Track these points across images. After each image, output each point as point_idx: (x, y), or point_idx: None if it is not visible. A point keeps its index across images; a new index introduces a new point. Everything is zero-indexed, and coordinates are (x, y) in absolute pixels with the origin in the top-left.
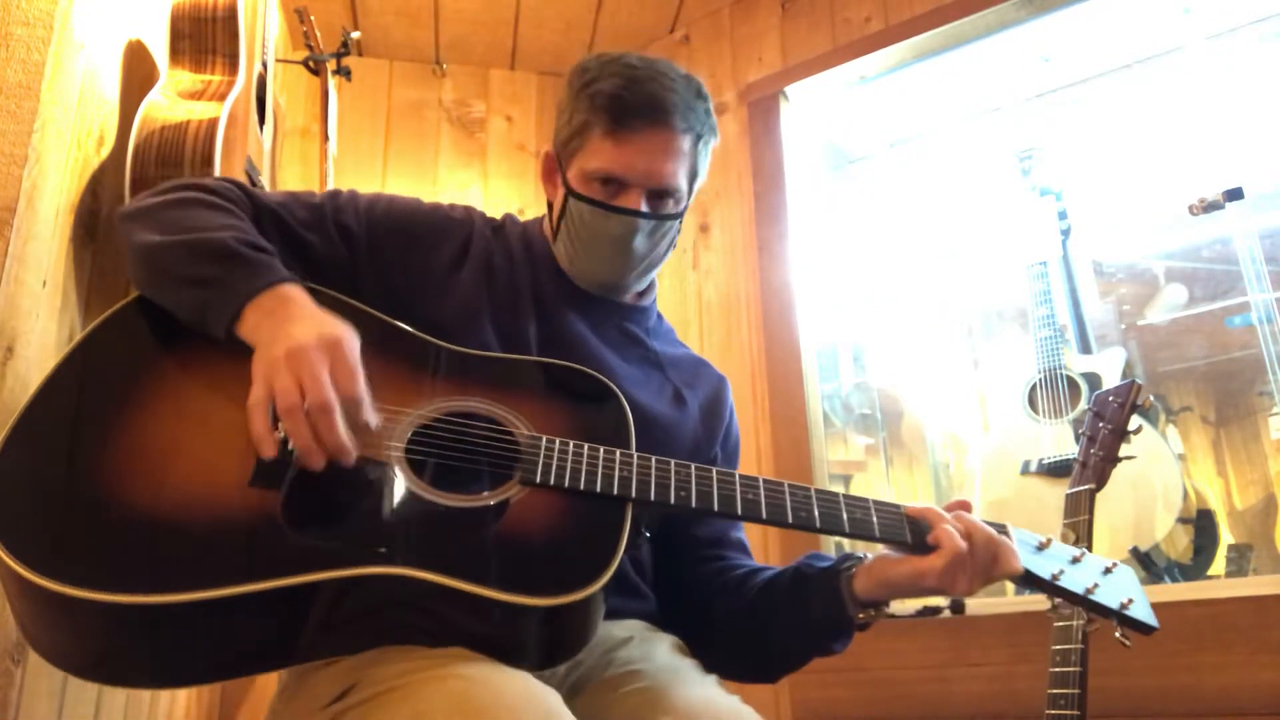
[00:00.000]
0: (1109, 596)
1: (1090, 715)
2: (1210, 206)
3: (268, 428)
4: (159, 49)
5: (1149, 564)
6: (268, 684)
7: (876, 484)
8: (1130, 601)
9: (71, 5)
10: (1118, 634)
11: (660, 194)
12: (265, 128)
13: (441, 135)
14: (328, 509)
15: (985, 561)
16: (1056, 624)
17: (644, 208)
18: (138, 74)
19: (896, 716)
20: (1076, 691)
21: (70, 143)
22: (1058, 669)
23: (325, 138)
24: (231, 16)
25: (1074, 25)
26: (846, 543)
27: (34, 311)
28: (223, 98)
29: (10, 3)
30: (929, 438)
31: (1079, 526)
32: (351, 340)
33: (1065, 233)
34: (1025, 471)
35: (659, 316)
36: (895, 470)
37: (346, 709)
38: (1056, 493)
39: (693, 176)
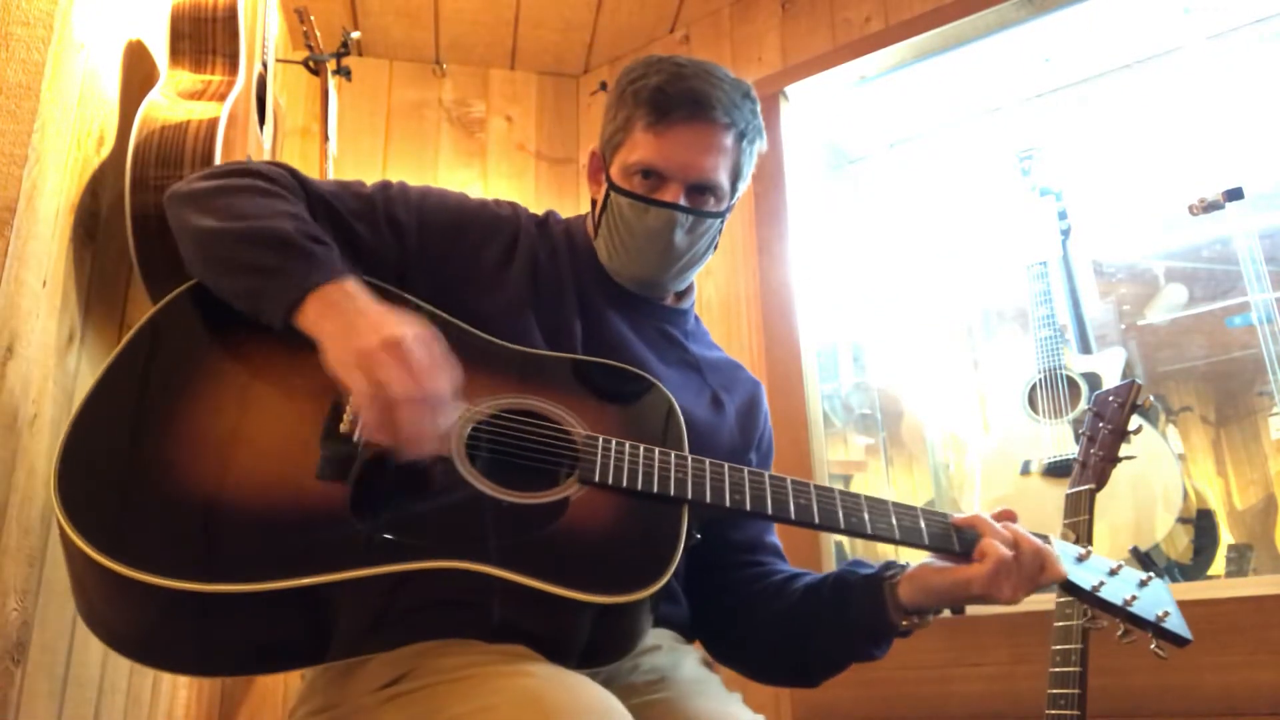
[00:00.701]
0: (1146, 609)
1: (1090, 715)
2: (1210, 206)
3: (385, 420)
4: (159, 49)
5: (1149, 564)
6: (268, 684)
7: (876, 484)
8: (1166, 614)
9: (71, 5)
10: (1153, 645)
11: (700, 189)
12: (265, 128)
13: (441, 135)
14: (391, 503)
15: (1033, 570)
16: (1056, 624)
17: (683, 202)
18: (138, 74)
19: (896, 716)
20: (1076, 691)
21: (70, 143)
22: (1058, 669)
23: (325, 138)
24: (231, 16)
25: (1074, 25)
26: (847, 545)
27: (34, 311)
28: (223, 98)
29: (10, 3)
30: (929, 438)
31: (1079, 526)
32: (439, 337)
33: (1065, 233)
34: (1025, 472)
35: (696, 319)
36: (895, 470)
37: (404, 693)
38: (1056, 493)
39: (735, 175)
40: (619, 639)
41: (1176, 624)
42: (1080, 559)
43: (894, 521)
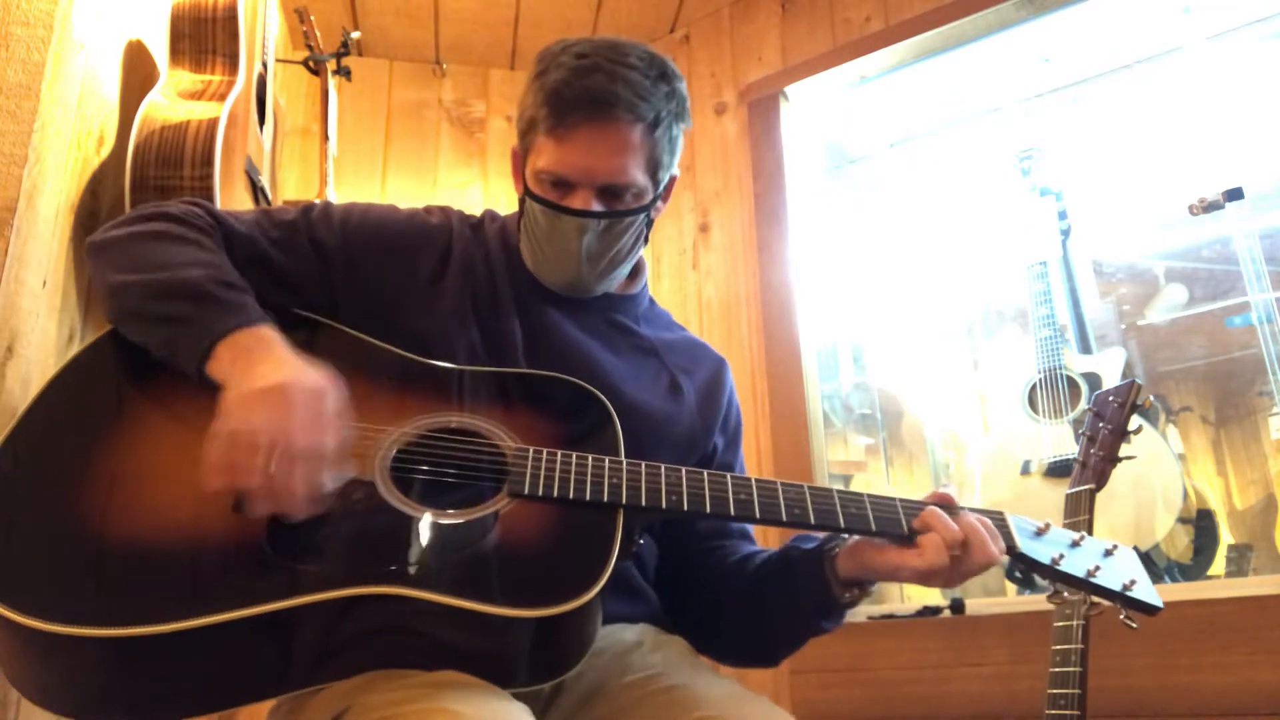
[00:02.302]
0: (1111, 579)
1: (1090, 715)
2: (1210, 206)
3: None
4: (159, 49)
5: (1149, 564)
6: None
7: (876, 484)
8: (1133, 583)
9: (71, 5)
10: (1122, 616)
11: (612, 190)
12: (265, 128)
13: (441, 135)
14: (313, 531)
15: (969, 567)
16: (1056, 624)
17: (596, 206)
18: (138, 74)
19: (896, 716)
20: (1076, 691)
21: (70, 143)
22: (1058, 669)
23: (325, 138)
24: (231, 16)
25: (1074, 25)
26: None
27: (34, 311)
28: (223, 98)
29: (10, 3)
30: (929, 438)
31: (1079, 526)
32: (334, 393)
33: (1065, 233)
34: (1025, 472)
35: (651, 301)
36: (895, 470)
37: None
38: (1056, 493)
39: (655, 167)
40: (565, 650)
41: (1145, 591)
42: (1039, 533)
43: (839, 511)
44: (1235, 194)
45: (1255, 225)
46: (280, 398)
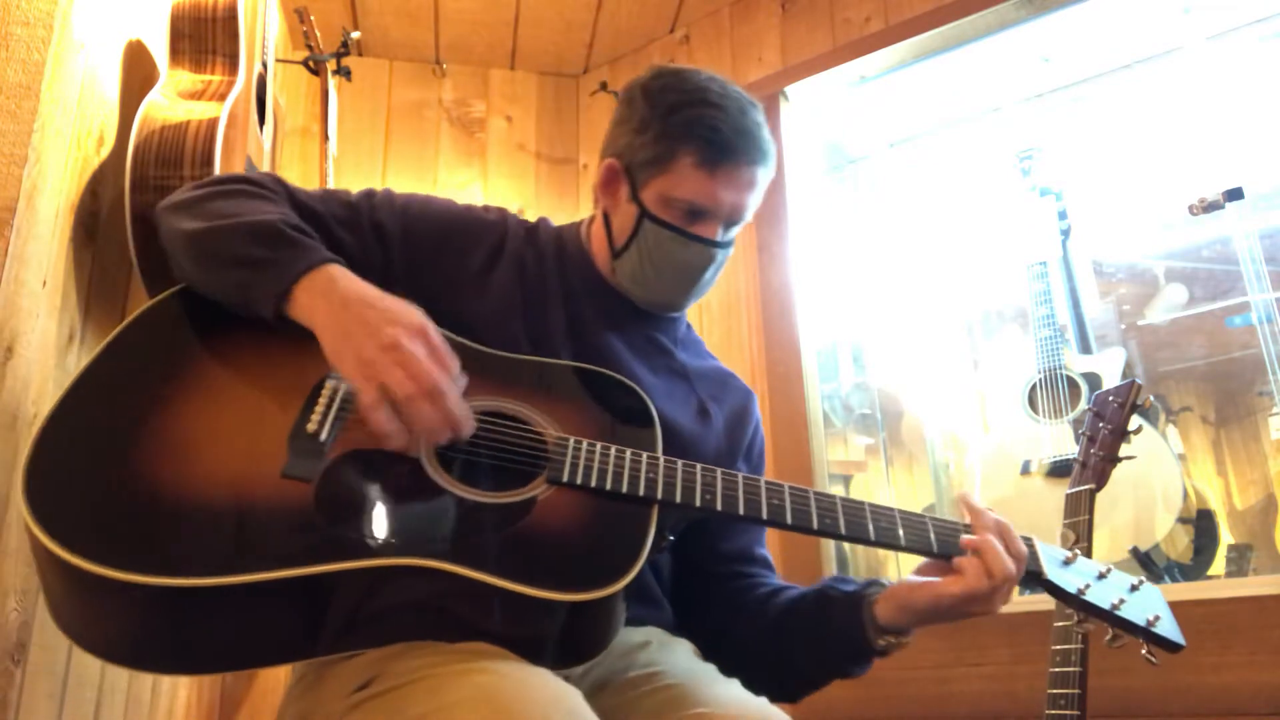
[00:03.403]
0: (1135, 613)
1: (1090, 715)
2: (1210, 206)
3: (394, 422)
4: (159, 49)
5: (1149, 564)
6: (267, 685)
7: (876, 484)
8: (1157, 619)
9: (71, 5)
10: (1144, 651)
11: (734, 224)
12: (265, 128)
13: (441, 135)
14: (358, 504)
15: (1005, 591)
16: (1057, 624)
17: (719, 237)
18: (138, 74)
19: (896, 716)
20: (1076, 691)
21: (70, 143)
22: (1058, 669)
23: (325, 138)
24: (231, 16)
25: (1074, 25)
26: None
27: (34, 311)
28: (223, 98)
29: (10, 3)
30: (929, 438)
31: (1079, 526)
32: (428, 320)
33: (1065, 233)
34: (1025, 472)
35: (688, 327)
36: (895, 470)
37: (371, 697)
38: (1056, 493)
39: (758, 202)
40: (591, 636)
41: (1168, 628)
42: (1066, 562)
43: (870, 524)
44: (1235, 194)
45: (1255, 225)
46: (394, 352)
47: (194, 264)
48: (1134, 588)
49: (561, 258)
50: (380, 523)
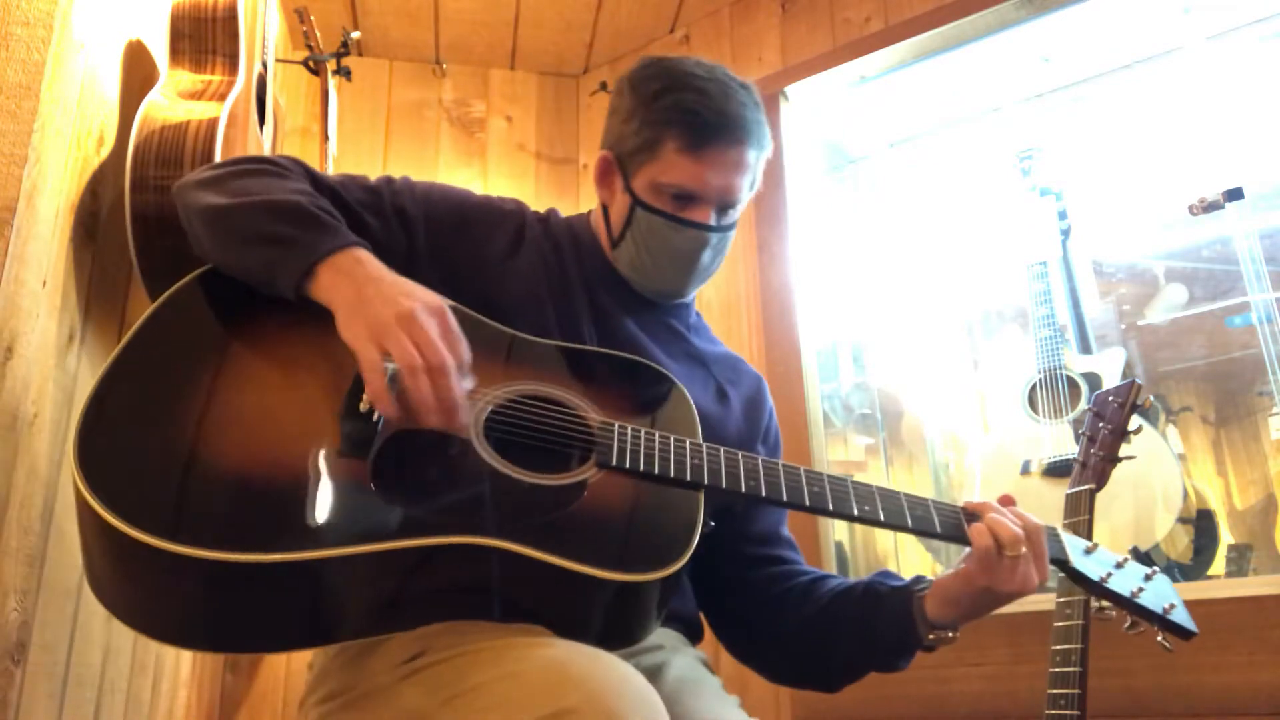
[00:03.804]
0: (1153, 601)
1: (1090, 715)
2: (1210, 206)
3: (386, 387)
4: (159, 49)
5: (1149, 564)
6: (267, 685)
7: (876, 484)
8: (1172, 607)
9: (71, 5)
10: (1159, 638)
11: (727, 207)
12: (265, 128)
13: (441, 135)
14: (414, 483)
15: (1024, 567)
16: (1057, 624)
17: (713, 222)
18: (138, 74)
19: (896, 716)
20: (1076, 691)
21: (70, 143)
22: (1058, 669)
23: (325, 138)
24: (231, 16)
25: (1074, 25)
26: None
27: (34, 311)
28: (223, 98)
29: (10, 3)
30: (929, 437)
31: (1079, 526)
32: (448, 306)
33: (1065, 233)
34: (1025, 472)
35: (698, 314)
36: (895, 470)
37: (426, 666)
38: (1056, 493)
39: (752, 187)
40: (632, 622)
41: (1182, 616)
42: (1088, 551)
43: (906, 511)
44: (1235, 194)
45: (1255, 225)
46: (407, 323)
47: (216, 241)
48: (1148, 577)
49: (577, 247)
50: (437, 501)
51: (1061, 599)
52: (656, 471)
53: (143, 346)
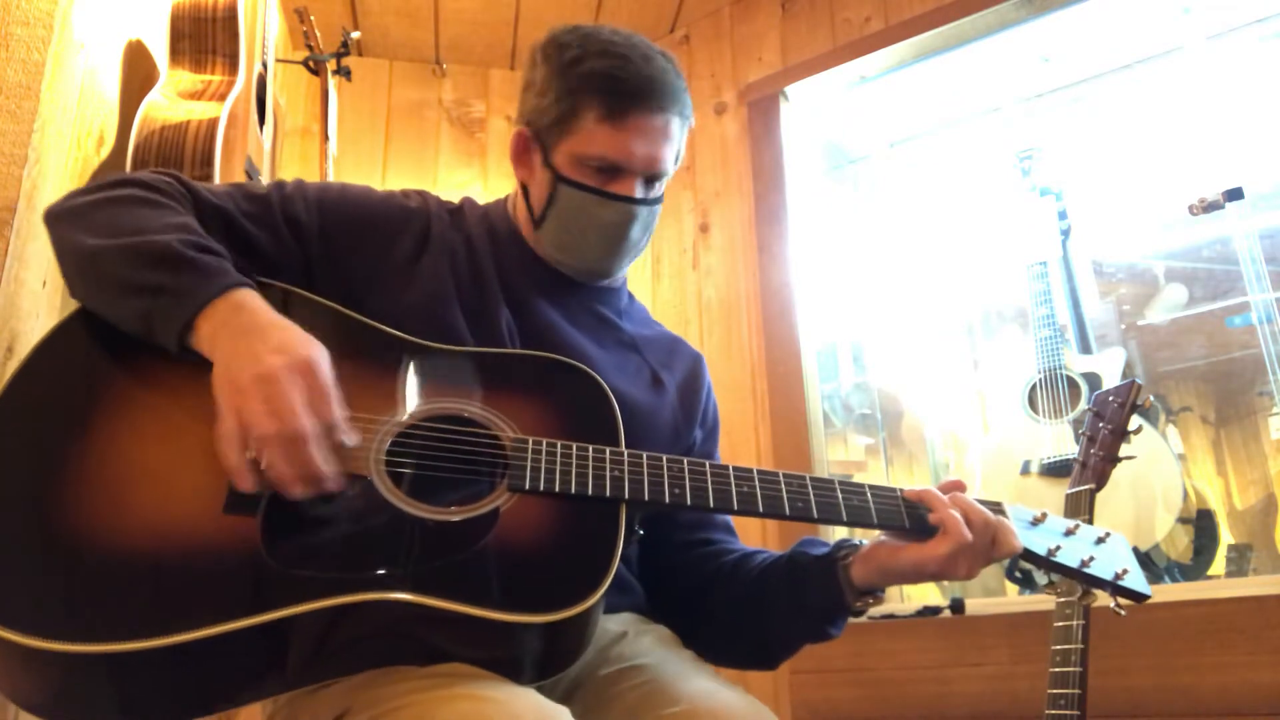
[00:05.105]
0: (1103, 568)
1: (1090, 715)
2: (1210, 206)
3: (243, 460)
4: (159, 49)
5: (1149, 564)
6: None
7: (877, 483)
8: (1125, 572)
9: (71, 5)
10: (1113, 604)
11: (653, 179)
12: (265, 128)
13: (441, 135)
14: (309, 533)
15: (984, 545)
16: (1056, 624)
17: (639, 194)
18: (138, 74)
19: (896, 716)
20: (1076, 692)
21: (70, 143)
22: (1058, 669)
23: (325, 138)
24: (231, 16)
25: (1074, 25)
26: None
27: (34, 311)
28: (223, 98)
29: (10, 3)
30: (929, 437)
31: None
32: (321, 358)
33: (1065, 233)
34: (1025, 471)
35: (630, 297)
36: (895, 470)
37: None
38: (1056, 493)
39: (677, 158)
40: (568, 648)
41: (1135, 580)
42: (1035, 522)
43: (841, 504)
44: (1235, 194)
45: (1255, 225)
46: (272, 382)
47: (88, 287)
48: (1100, 540)
49: (492, 237)
50: (336, 555)
51: (1061, 599)
52: (573, 491)
53: (11, 404)
